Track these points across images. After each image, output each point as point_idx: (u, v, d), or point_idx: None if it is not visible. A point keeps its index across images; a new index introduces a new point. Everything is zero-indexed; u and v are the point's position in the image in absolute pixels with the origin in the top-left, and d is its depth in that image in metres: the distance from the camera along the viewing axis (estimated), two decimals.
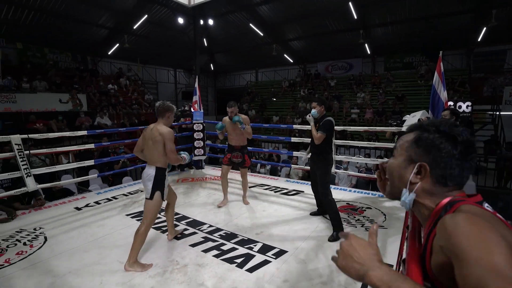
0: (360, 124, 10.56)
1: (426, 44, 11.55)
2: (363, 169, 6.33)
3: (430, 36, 10.91)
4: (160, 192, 2.46)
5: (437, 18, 9.89)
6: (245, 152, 3.80)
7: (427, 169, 0.68)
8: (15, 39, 10.43)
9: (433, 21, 10.08)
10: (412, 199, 0.71)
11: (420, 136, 0.71)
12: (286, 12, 11.58)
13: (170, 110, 2.58)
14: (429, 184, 0.69)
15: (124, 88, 12.85)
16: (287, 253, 2.57)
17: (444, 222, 0.60)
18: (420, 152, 0.70)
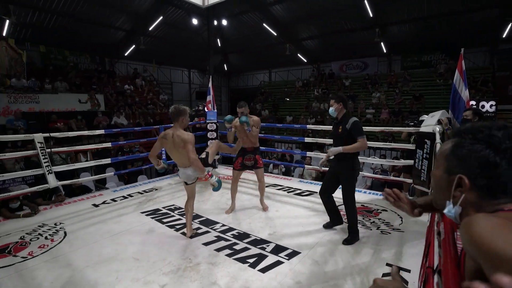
0: (376, 125, 10.33)
1: (446, 42, 11.14)
2: (378, 171, 6.19)
3: (450, 33, 10.50)
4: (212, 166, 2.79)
5: (459, 14, 9.50)
6: (257, 153, 3.64)
7: (467, 181, 0.62)
8: (39, 43, 10.90)
9: (455, 18, 9.70)
10: (457, 212, 0.65)
11: (457, 145, 0.65)
12: (299, 11, 11.49)
13: (183, 114, 2.64)
14: (475, 197, 0.62)
15: (139, 89, 13.14)
16: (300, 254, 2.54)
17: (462, 225, 0.56)
18: (458, 163, 0.64)
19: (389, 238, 2.81)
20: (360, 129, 2.66)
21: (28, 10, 9.39)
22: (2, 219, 3.41)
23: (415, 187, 3.59)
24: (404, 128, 4.23)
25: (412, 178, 3.56)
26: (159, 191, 4.54)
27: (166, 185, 4.91)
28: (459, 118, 3.52)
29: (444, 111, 3.57)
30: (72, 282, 2.17)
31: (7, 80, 8.77)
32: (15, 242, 2.84)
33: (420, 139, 3.32)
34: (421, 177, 3.21)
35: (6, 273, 2.31)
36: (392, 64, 13.55)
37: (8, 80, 8.81)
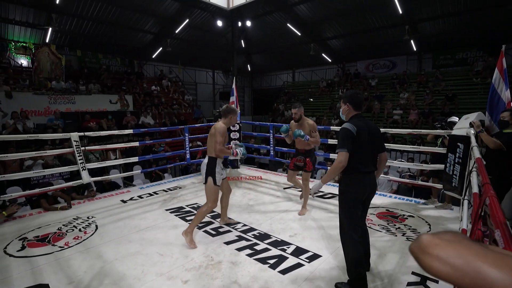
0: (403, 126, 9.89)
1: (485, 38, 10.40)
2: (406, 175, 5.92)
3: (489, 28, 9.77)
4: (212, 178, 2.79)
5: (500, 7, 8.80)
6: (308, 156, 3.50)
7: None
8: (76, 47, 11.68)
9: (495, 11, 9.01)
10: None
11: None
12: (324, 10, 11.30)
13: (232, 112, 2.93)
14: None
15: (166, 89, 13.62)
16: (321, 257, 2.51)
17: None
18: None
19: None
20: (341, 139, 2.02)
21: (67, 18, 10.13)
22: (43, 211, 3.71)
23: (446, 193, 3.41)
24: (434, 131, 4.01)
25: (443, 183, 3.38)
26: (183, 190, 4.68)
27: (190, 183, 5.05)
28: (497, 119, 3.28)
29: (480, 113, 3.34)
30: (102, 273, 2.31)
31: (48, 83, 9.48)
32: (53, 232, 3.07)
33: (452, 142, 3.13)
34: (452, 182, 3.04)
35: (47, 260, 2.51)
36: (423, 63, 12.90)
37: (49, 82, 9.53)
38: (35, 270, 2.35)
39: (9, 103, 8.01)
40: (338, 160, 2.01)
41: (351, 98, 2.15)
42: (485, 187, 1.34)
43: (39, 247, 2.76)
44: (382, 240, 2.82)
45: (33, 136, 4.21)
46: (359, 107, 2.14)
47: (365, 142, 2.03)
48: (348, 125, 2.04)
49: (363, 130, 2.03)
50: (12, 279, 2.24)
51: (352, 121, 2.08)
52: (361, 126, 2.04)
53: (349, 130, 2.02)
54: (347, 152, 1.99)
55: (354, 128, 2.00)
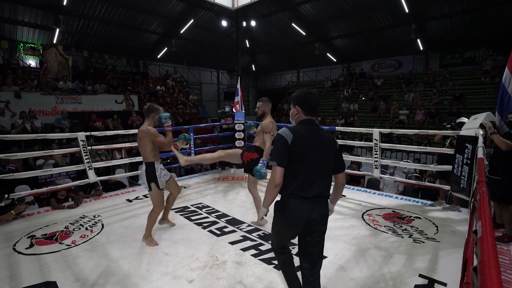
0: (409, 127, 9.80)
1: (494, 36, 10.22)
2: (412, 176, 5.86)
3: (499, 26, 9.59)
4: (155, 183, 2.74)
5: (509, 5, 8.61)
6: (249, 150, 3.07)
7: None
8: (83, 48, 11.82)
9: (504, 9, 8.84)
10: None
11: None
12: (329, 9, 11.25)
13: (154, 111, 2.77)
14: None
15: (170, 89, 13.69)
16: (326, 258, 2.49)
17: None
18: None
19: (423, 248, 2.65)
20: (274, 148, 1.64)
21: (74, 18, 10.26)
22: (50, 209, 3.76)
23: (454, 194, 3.36)
24: (441, 132, 3.96)
25: (450, 184, 3.33)
26: (187, 189, 4.70)
27: (194, 183, 5.06)
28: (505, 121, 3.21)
29: (490, 113, 3.28)
30: (108, 271, 2.33)
31: (56, 83, 9.60)
32: (60, 230, 3.11)
33: (460, 143, 3.09)
34: (460, 184, 3.00)
35: (54, 258, 2.54)
36: (430, 62, 12.76)
37: (57, 83, 9.65)
38: (43, 268, 2.38)
39: (18, 103, 8.14)
40: (270, 178, 1.59)
41: (302, 99, 1.69)
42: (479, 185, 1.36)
43: (47, 245, 2.79)
44: (388, 241, 2.79)
45: (41, 136, 4.28)
46: (311, 111, 1.68)
47: (305, 156, 1.57)
48: (284, 130, 1.61)
49: (304, 140, 1.58)
50: (21, 276, 2.27)
51: (294, 127, 1.66)
52: (302, 134, 1.59)
53: (282, 137, 1.58)
54: (280, 167, 1.56)
55: (290, 135, 1.57)
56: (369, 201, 4.01)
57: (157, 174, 2.75)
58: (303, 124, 1.67)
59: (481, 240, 0.72)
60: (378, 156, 4.15)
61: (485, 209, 0.91)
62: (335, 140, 1.72)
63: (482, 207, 0.94)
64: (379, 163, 4.17)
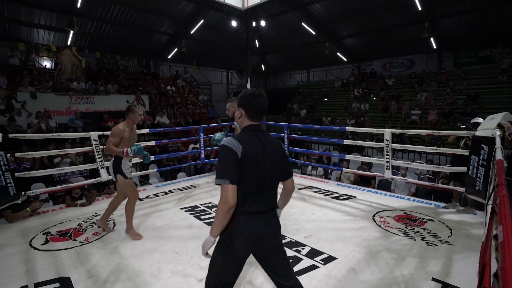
0: (422, 127, 9.60)
1: (511, 34, 9.88)
2: (425, 177, 5.74)
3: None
4: (120, 174, 2.88)
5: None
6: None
7: None
8: (95, 49, 12.09)
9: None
10: None
11: None
12: (340, 8, 11.15)
13: (131, 111, 2.90)
14: None
15: (180, 89, 13.84)
16: (336, 260, 2.47)
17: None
18: None
19: (436, 251, 2.59)
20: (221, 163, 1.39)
21: (87, 21, 10.50)
22: (64, 207, 3.86)
23: (468, 196, 3.27)
24: (455, 132, 3.86)
25: (465, 186, 3.24)
26: (197, 189, 4.73)
27: (204, 183, 5.10)
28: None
29: (508, 113, 3.16)
30: (119, 269, 2.37)
31: (70, 84, 9.85)
32: (74, 228, 3.19)
33: (476, 144, 3.00)
34: (476, 186, 2.91)
35: (68, 254, 2.60)
36: (443, 61, 12.46)
37: (71, 83, 9.89)
38: (58, 264, 2.45)
39: (34, 103, 8.39)
40: (222, 200, 1.34)
41: (246, 102, 1.49)
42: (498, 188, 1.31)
43: (61, 241, 2.86)
44: (400, 243, 2.74)
45: (56, 135, 4.40)
46: (257, 116, 1.50)
47: (257, 167, 1.40)
48: (229, 141, 1.40)
49: (254, 150, 1.41)
50: (37, 271, 2.34)
51: (240, 136, 1.45)
52: (251, 143, 1.41)
53: (230, 149, 1.37)
54: (232, 185, 1.34)
55: (239, 146, 1.37)
56: (380, 202, 3.95)
57: (122, 167, 2.87)
58: (249, 131, 1.48)
59: (502, 245, 0.70)
60: (389, 157, 4.08)
61: (506, 213, 0.88)
62: (282, 146, 1.61)
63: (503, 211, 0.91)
64: (390, 164, 4.09)
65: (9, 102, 8.01)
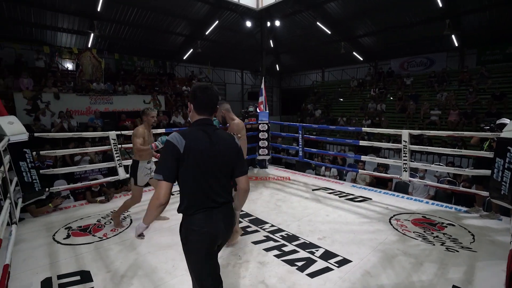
0: (442, 128, 9.26)
1: None
2: (445, 180, 5.53)
3: None
4: (134, 179, 3.07)
5: None
6: None
7: None
8: (114, 51, 12.46)
9: None
10: None
11: None
12: (356, 6, 10.94)
13: (145, 114, 3.16)
14: None
15: None
16: (351, 263, 2.42)
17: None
18: None
19: (457, 257, 2.49)
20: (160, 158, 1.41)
21: (107, 23, 10.85)
22: (85, 203, 4.02)
23: (493, 201, 3.13)
24: (478, 133, 3.69)
25: (489, 190, 3.10)
26: None
27: None
28: None
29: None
30: (136, 264, 2.43)
31: (90, 85, 10.21)
32: (93, 223, 3.30)
33: (502, 146, 2.86)
34: (501, 190, 2.78)
35: (88, 249, 2.70)
36: (466, 59, 11.96)
37: (91, 84, 10.25)
38: (78, 257, 2.54)
39: (57, 104, 8.76)
40: (155, 196, 1.36)
41: (194, 95, 1.48)
42: None
43: (81, 236, 2.98)
44: (417, 248, 2.65)
45: (77, 134, 4.57)
46: (206, 110, 1.48)
47: (203, 163, 1.39)
48: (173, 136, 1.38)
49: (200, 145, 1.39)
50: (60, 264, 2.44)
51: (187, 131, 1.44)
52: (197, 138, 1.40)
53: (172, 144, 1.35)
54: (166, 182, 1.33)
55: (182, 141, 1.36)
56: (397, 205, 3.84)
57: (138, 172, 3.05)
58: (198, 125, 1.47)
59: None
60: (407, 159, 3.96)
61: None
62: (235, 143, 1.55)
63: None
64: (408, 165, 3.98)
65: (35, 102, 8.42)
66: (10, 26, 9.76)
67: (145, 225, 1.55)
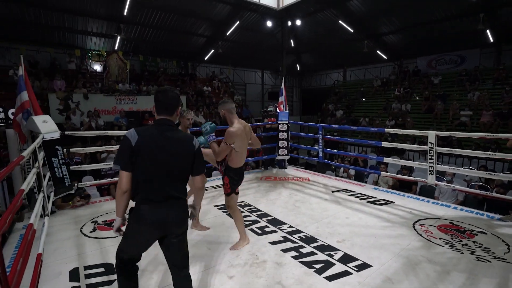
0: (473, 129, 8.73)
1: None
2: (476, 184, 5.20)
3: None
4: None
5: None
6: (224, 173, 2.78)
7: None
8: (139, 53, 12.95)
9: None
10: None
11: None
12: (380, 3, 10.59)
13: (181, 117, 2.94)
14: None
15: (216, 90, 14.23)
16: (371, 267, 2.34)
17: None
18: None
19: (489, 268, 2.33)
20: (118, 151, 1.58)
21: (132, 26, 11.30)
22: (110, 199, 4.20)
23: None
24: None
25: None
26: None
27: None
28: None
29: None
30: (157, 259, 2.51)
31: (116, 85, 10.68)
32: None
33: None
34: None
35: (112, 243, 2.82)
36: (502, 56, 11.16)
37: (117, 85, 10.73)
38: (103, 250, 2.66)
39: (86, 104, 9.26)
40: (118, 185, 1.54)
41: (155, 96, 1.64)
42: None
43: (106, 230, 3.11)
44: (444, 256, 2.52)
45: (103, 133, 4.80)
46: (165, 110, 1.61)
47: (153, 158, 1.52)
48: (130, 132, 1.55)
49: (152, 141, 1.52)
50: (86, 256, 2.58)
51: (143, 128, 1.58)
52: (151, 135, 1.54)
53: (126, 139, 1.51)
54: (125, 172, 1.51)
55: (135, 136, 1.50)
56: (421, 209, 3.67)
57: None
58: (156, 124, 1.61)
59: None
60: (433, 161, 3.77)
61: None
62: (191, 143, 1.65)
63: None
64: (434, 168, 3.79)
65: (66, 102, 8.94)
66: (46, 32, 10.46)
67: (119, 218, 1.66)
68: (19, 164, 2.82)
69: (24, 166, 3.48)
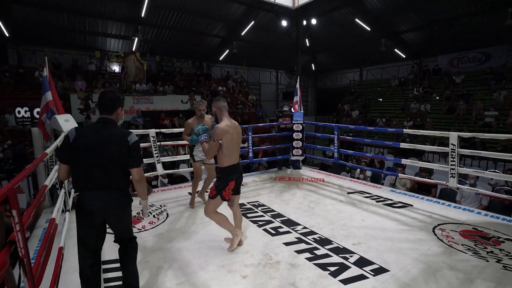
0: (499, 131, 8.32)
1: None
2: (502, 189, 4.94)
3: None
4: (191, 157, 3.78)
5: None
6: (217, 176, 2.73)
7: None
8: (155, 53, 13.23)
9: None
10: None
11: None
12: (398, 0, 10.26)
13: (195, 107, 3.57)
14: None
15: (231, 90, 14.31)
16: (388, 272, 2.27)
17: None
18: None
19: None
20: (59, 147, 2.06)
21: (149, 28, 11.56)
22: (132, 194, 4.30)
23: None
24: None
25: None
26: (244, 187, 4.81)
27: (251, 181, 5.17)
28: None
29: None
30: (171, 257, 2.54)
31: (133, 86, 10.96)
32: (133, 216, 3.50)
33: None
34: None
35: None
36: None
37: (134, 85, 11.00)
38: None
39: None
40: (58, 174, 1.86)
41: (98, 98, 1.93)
42: None
43: None
44: (467, 263, 2.40)
45: None
46: (104, 109, 1.85)
47: (89, 152, 1.72)
48: (70, 130, 1.79)
49: (88, 138, 1.74)
50: (104, 251, 2.59)
51: (83, 126, 1.86)
52: (88, 132, 1.78)
53: (66, 136, 1.77)
54: (63, 164, 1.77)
55: (73, 133, 1.74)
56: (442, 213, 3.53)
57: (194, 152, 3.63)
58: (96, 123, 1.84)
59: None
60: (455, 163, 3.61)
61: None
62: (125, 138, 1.80)
63: None
64: (456, 171, 3.62)
65: (87, 102, 9.26)
66: (69, 36, 10.89)
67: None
68: (42, 161, 2.94)
69: (48, 163, 3.61)
